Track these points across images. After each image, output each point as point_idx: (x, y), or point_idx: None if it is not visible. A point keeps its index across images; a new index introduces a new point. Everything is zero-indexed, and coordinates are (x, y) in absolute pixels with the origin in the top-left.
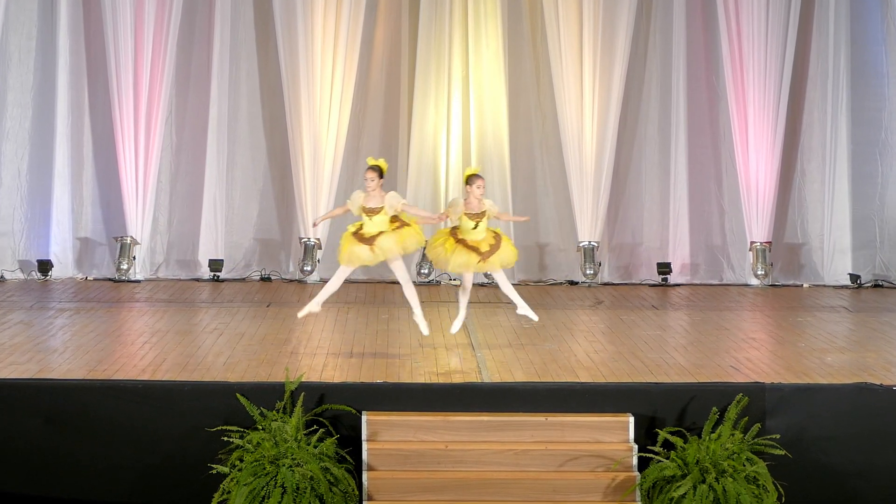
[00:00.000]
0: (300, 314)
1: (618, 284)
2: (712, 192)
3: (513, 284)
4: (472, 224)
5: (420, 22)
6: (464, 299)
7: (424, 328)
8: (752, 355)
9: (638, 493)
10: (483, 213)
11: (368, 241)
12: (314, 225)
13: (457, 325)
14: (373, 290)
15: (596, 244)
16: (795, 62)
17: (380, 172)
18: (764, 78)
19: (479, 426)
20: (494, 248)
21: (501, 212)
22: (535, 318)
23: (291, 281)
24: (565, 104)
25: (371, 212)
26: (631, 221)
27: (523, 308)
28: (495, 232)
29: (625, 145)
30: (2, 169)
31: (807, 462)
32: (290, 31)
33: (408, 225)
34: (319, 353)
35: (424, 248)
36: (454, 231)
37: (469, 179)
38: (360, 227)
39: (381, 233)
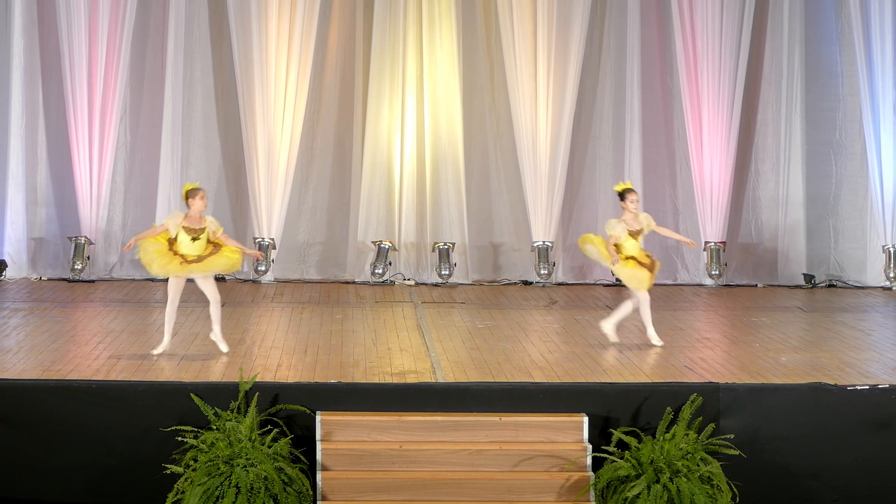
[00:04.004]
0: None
1: (572, 284)
2: (666, 192)
3: (467, 285)
4: (634, 240)
5: (374, 22)
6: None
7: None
8: (706, 355)
9: (592, 493)
10: (641, 230)
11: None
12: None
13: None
14: (327, 289)
15: (550, 244)
16: (750, 62)
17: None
18: (718, 78)
19: (434, 426)
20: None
21: (661, 227)
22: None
23: (246, 281)
24: (519, 104)
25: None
26: (585, 221)
27: (653, 336)
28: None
29: (579, 145)
30: None
31: (761, 462)
32: (245, 31)
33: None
34: (273, 353)
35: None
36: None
37: (622, 195)
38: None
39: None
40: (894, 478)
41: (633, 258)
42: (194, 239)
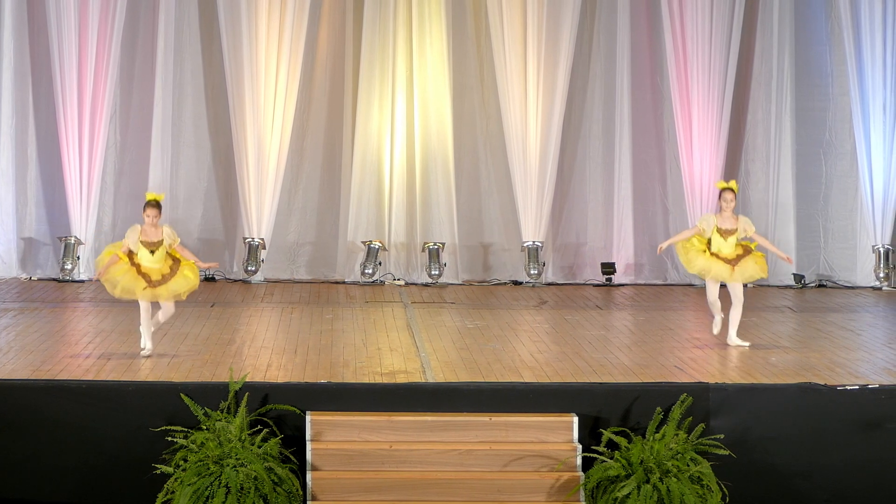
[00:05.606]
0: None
1: (562, 284)
2: (656, 192)
3: (456, 284)
4: (722, 238)
5: (364, 22)
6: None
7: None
8: (696, 355)
9: (582, 493)
10: (734, 230)
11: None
12: None
13: (716, 327)
14: (317, 289)
15: (540, 244)
16: (740, 62)
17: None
18: (708, 78)
19: (424, 426)
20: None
21: (759, 235)
22: (745, 345)
23: (236, 281)
24: (509, 104)
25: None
26: (575, 221)
27: (733, 339)
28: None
29: (569, 145)
30: None
31: (751, 462)
32: (235, 31)
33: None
34: (263, 353)
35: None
36: (709, 244)
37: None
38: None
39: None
40: (884, 478)
41: (715, 255)
42: (152, 252)
